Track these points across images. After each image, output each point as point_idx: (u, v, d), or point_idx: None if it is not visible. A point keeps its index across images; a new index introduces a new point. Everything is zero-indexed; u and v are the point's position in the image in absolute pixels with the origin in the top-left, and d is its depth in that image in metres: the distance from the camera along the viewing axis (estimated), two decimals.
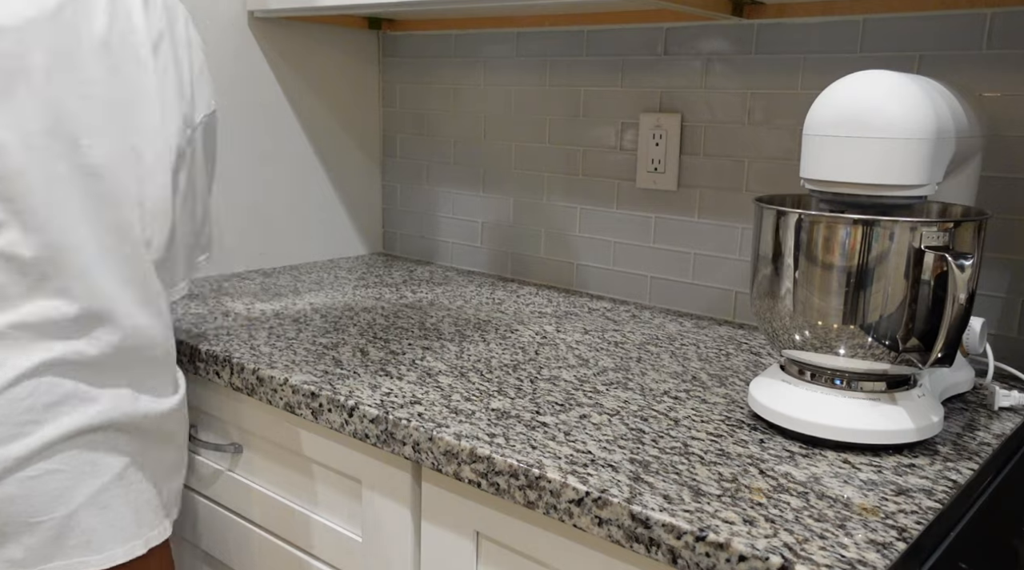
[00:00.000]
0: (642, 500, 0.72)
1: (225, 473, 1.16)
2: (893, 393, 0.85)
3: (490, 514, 0.85)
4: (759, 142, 1.29)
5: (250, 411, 1.10)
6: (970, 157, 0.94)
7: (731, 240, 1.34)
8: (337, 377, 1.01)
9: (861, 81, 0.82)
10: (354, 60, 1.73)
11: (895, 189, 0.80)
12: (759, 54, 1.28)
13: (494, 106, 1.61)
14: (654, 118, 1.39)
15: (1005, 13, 1.07)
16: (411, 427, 0.88)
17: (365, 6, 1.40)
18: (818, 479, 0.78)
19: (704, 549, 0.68)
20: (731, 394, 1.00)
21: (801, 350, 0.87)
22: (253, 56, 1.54)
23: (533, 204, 1.58)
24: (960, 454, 0.84)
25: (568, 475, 0.77)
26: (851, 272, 0.81)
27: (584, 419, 0.90)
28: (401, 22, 1.71)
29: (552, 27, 1.50)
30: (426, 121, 1.73)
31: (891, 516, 0.71)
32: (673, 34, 1.36)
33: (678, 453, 0.82)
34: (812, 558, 0.64)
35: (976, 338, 0.98)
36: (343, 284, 1.51)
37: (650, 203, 1.43)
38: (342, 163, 1.74)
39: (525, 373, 1.05)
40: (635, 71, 1.41)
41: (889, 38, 1.16)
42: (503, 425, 0.88)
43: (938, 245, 0.80)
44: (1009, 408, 0.97)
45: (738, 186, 1.32)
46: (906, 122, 0.79)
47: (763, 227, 0.88)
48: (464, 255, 1.70)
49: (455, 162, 1.70)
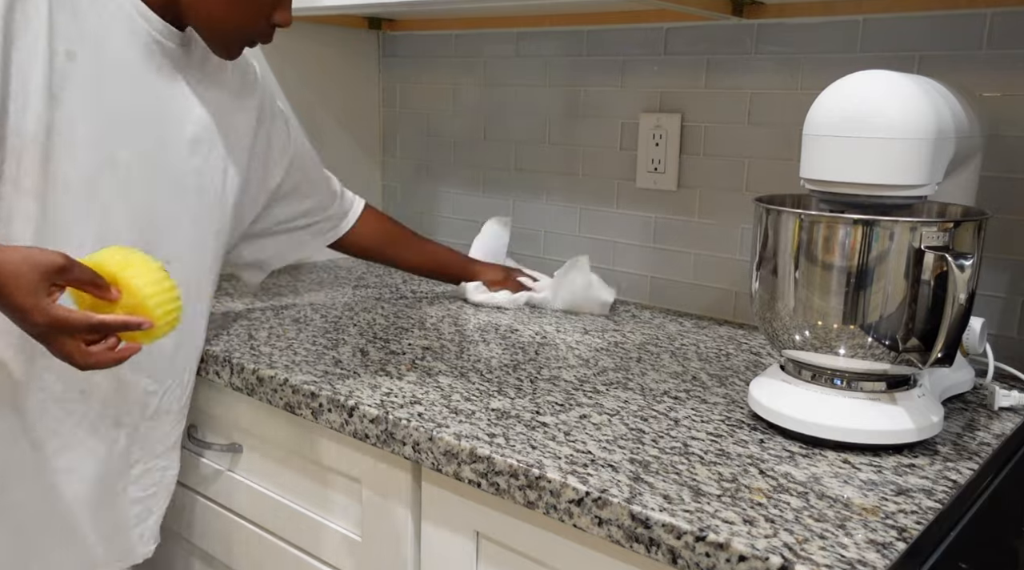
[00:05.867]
0: (642, 500, 0.72)
1: (225, 473, 1.16)
2: (893, 393, 0.85)
3: (490, 514, 0.85)
4: (759, 142, 1.29)
5: (250, 411, 1.10)
6: (970, 157, 0.94)
7: (731, 240, 1.34)
8: (337, 377, 1.01)
9: (861, 81, 0.82)
10: (354, 60, 1.72)
11: (895, 189, 0.80)
12: (759, 54, 1.27)
13: (494, 106, 1.61)
14: (654, 118, 1.39)
15: (1005, 13, 1.07)
16: (411, 427, 0.88)
17: (365, 6, 1.41)
18: (818, 479, 0.78)
19: (704, 549, 0.68)
20: (731, 394, 1.00)
21: (801, 350, 0.87)
22: (253, 56, 1.54)
23: (533, 204, 1.58)
24: (960, 454, 0.84)
25: (568, 475, 0.77)
26: (851, 272, 0.81)
27: (584, 419, 0.90)
28: (401, 22, 1.71)
29: (552, 27, 1.50)
30: (426, 121, 1.73)
31: (891, 516, 0.71)
32: (673, 34, 1.36)
33: (678, 453, 0.82)
34: (812, 558, 0.64)
35: (976, 338, 0.98)
36: (343, 284, 1.51)
37: (650, 203, 1.42)
38: (342, 163, 1.74)
39: (525, 373, 1.05)
40: (635, 71, 1.41)
41: (889, 38, 1.16)
42: (503, 425, 0.88)
43: (938, 245, 0.80)
44: (1009, 408, 0.97)
45: (738, 186, 1.32)
46: (906, 122, 0.79)
47: (763, 227, 0.88)
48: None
49: (455, 162, 1.70)
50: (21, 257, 0.77)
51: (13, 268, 0.76)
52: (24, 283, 0.76)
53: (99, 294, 0.81)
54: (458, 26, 1.62)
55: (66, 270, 0.78)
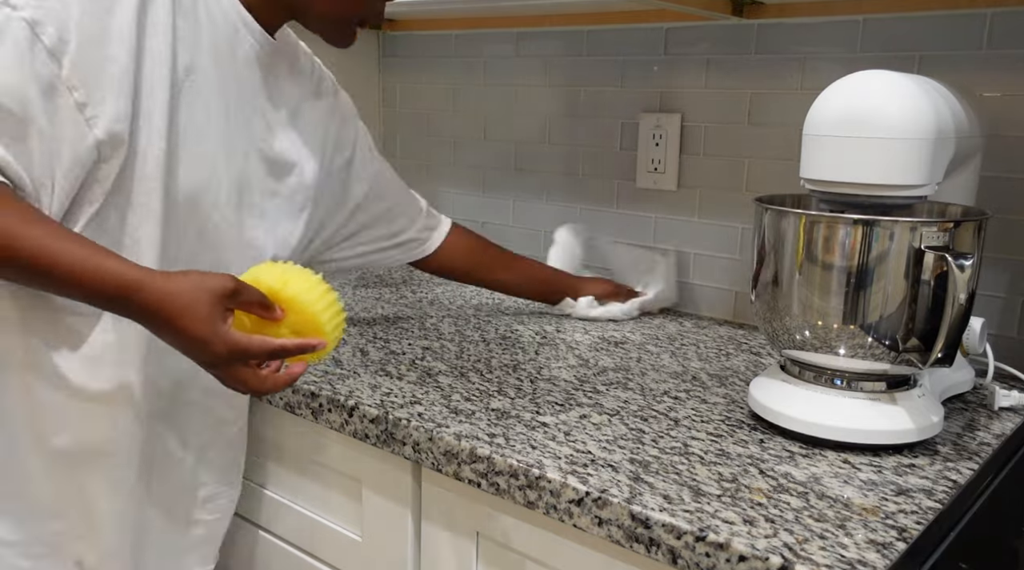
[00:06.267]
0: (642, 500, 0.72)
1: None
2: (893, 393, 0.85)
3: (490, 514, 0.85)
4: (759, 142, 1.29)
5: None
6: (970, 157, 0.94)
7: (731, 240, 1.34)
8: (337, 377, 1.01)
9: (861, 81, 0.82)
10: (354, 60, 1.72)
11: (895, 189, 0.80)
12: (759, 54, 1.27)
13: (494, 106, 1.61)
14: (654, 118, 1.39)
15: (1005, 13, 1.07)
16: (411, 427, 0.88)
17: None
18: (818, 479, 0.77)
19: (704, 549, 0.68)
20: (731, 394, 1.00)
21: (801, 350, 0.87)
22: None
23: (533, 204, 1.58)
24: (960, 454, 0.84)
25: (568, 475, 0.77)
26: (851, 272, 0.81)
27: (584, 419, 0.90)
28: (401, 22, 1.71)
29: (552, 27, 1.50)
30: (426, 121, 1.73)
31: (891, 516, 0.71)
32: (673, 34, 1.36)
33: (678, 453, 0.82)
34: (812, 558, 0.64)
35: (976, 338, 0.98)
36: (343, 284, 1.51)
37: (650, 203, 1.42)
38: None
39: (525, 373, 1.05)
40: (635, 71, 1.41)
41: (889, 38, 1.16)
42: (503, 425, 0.88)
43: (938, 245, 0.80)
44: (1009, 408, 0.97)
45: (738, 186, 1.32)
46: (906, 122, 0.79)
47: (763, 227, 0.88)
48: None
49: (455, 162, 1.69)
50: (192, 285, 0.72)
51: (189, 298, 0.71)
52: (202, 312, 0.71)
53: (266, 315, 0.76)
54: (458, 26, 1.62)
55: (237, 293, 0.74)
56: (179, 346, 0.74)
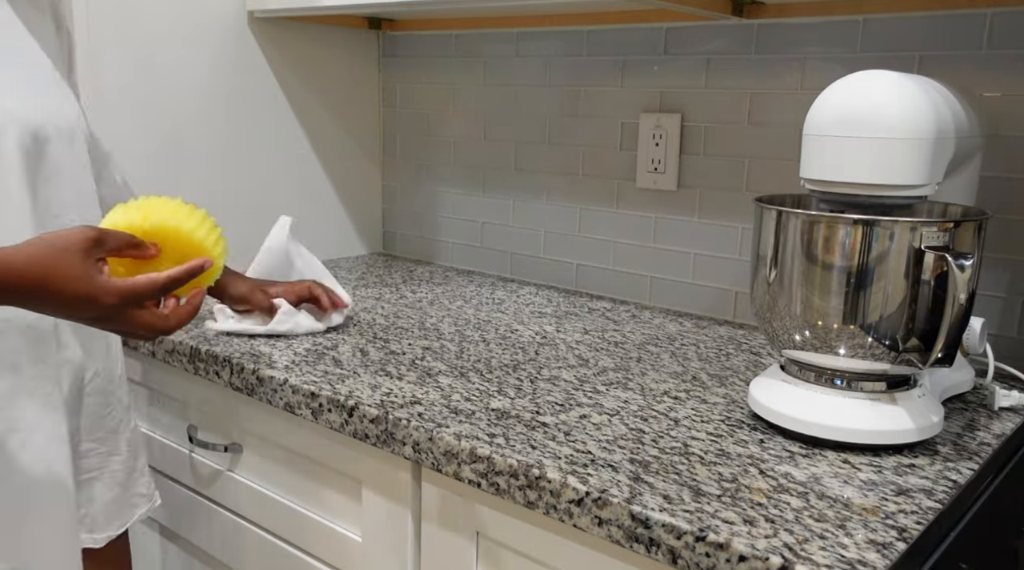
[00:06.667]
0: (642, 500, 0.72)
1: (225, 473, 1.16)
2: (893, 393, 0.85)
3: (490, 514, 0.85)
4: (759, 142, 1.29)
5: (250, 411, 1.10)
6: (970, 157, 0.94)
7: (731, 240, 1.34)
8: (337, 377, 1.01)
9: (861, 81, 0.82)
10: (354, 60, 1.72)
11: (895, 189, 0.80)
12: (759, 54, 1.27)
13: (494, 106, 1.61)
14: (654, 118, 1.39)
15: (1005, 13, 1.07)
16: (411, 427, 0.88)
17: (365, 6, 1.40)
18: (818, 479, 0.78)
19: (704, 549, 0.68)
20: (731, 394, 1.00)
21: (801, 350, 0.87)
22: (253, 56, 1.54)
23: (533, 204, 1.58)
24: (960, 454, 0.84)
25: (568, 475, 0.77)
26: (851, 272, 0.81)
27: (584, 419, 0.90)
28: (401, 22, 1.71)
29: (552, 27, 1.50)
30: (426, 121, 1.73)
31: (891, 516, 0.71)
32: (673, 34, 1.36)
33: (678, 453, 0.82)
34: (812, 558, 0.64)
35: (976, 338, 0.98)
36: (343, 284, 1.51)
37: (650, 203, 1.42)
38: (342, 163, 1.74)
39: (525, 373, 1.05)
40: (635, 71, 1.41)
41: (889, 38, 1.16)
42: (503, 425, 0.88)
43: (938, 245, 0.80)
44: (1009, 408, 0.97)
45: (738, 186, 1.32)
46: (906, 122, 0.79)
47: (763, 227, 0.88)
48: (464, 255, 1.70)
49: (455, 162, 1.69)
50: (47, 245, 0.66)
51: (52, 260, 0.65)
52: (75, 271, 0.66)
53: (140, 254, 0.72)
54: (458, 26, 1.62)
55: (102, 241, 0.69)
56: (64, 312, 0.69)
